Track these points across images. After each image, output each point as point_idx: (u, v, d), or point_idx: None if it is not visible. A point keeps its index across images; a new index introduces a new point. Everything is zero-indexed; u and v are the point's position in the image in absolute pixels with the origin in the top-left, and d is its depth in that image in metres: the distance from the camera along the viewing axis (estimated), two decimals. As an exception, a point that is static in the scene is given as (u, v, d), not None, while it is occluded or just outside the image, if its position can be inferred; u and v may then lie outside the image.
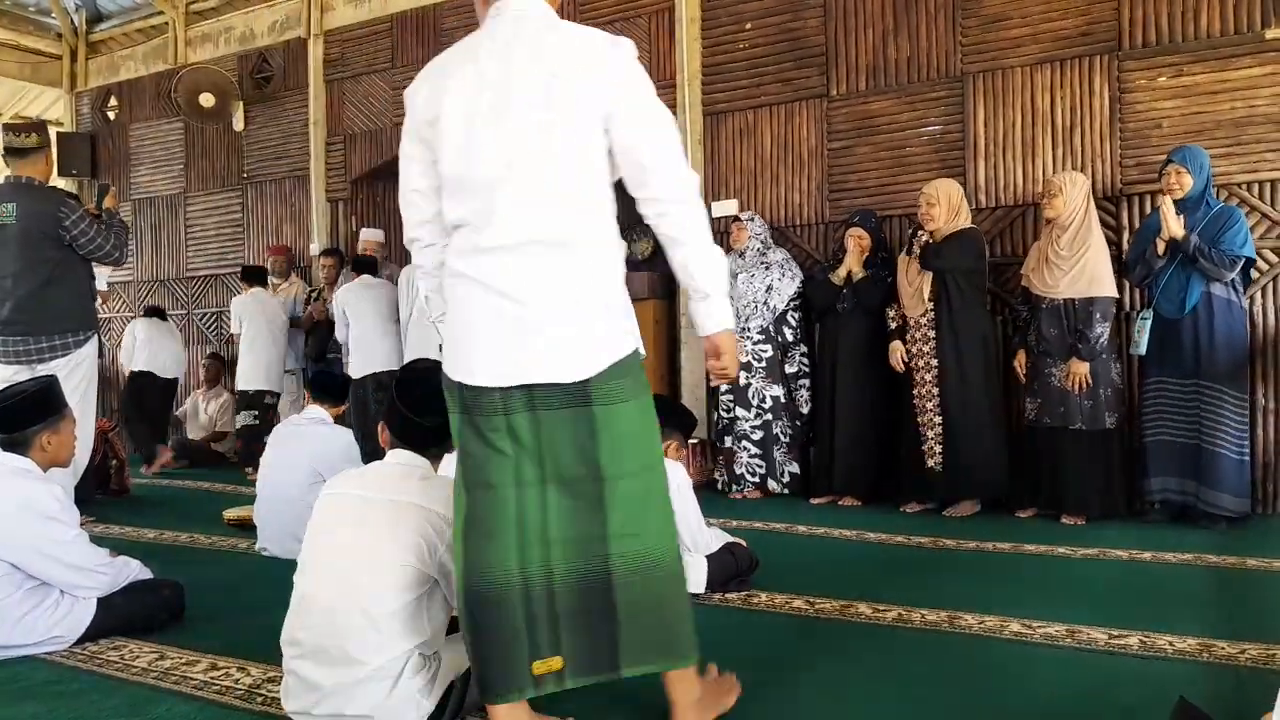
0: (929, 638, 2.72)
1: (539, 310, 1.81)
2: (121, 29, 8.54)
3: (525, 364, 1.82)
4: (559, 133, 1.82)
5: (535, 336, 1.82)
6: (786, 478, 5.21)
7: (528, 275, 1.82)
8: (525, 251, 1.82)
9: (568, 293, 1.83)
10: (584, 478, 1.85)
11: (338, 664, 1.97)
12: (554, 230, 1.83)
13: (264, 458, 4.11)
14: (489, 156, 1.84)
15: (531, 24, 1.89)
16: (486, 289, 1.84)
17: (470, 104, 1.86)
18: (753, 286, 5.18)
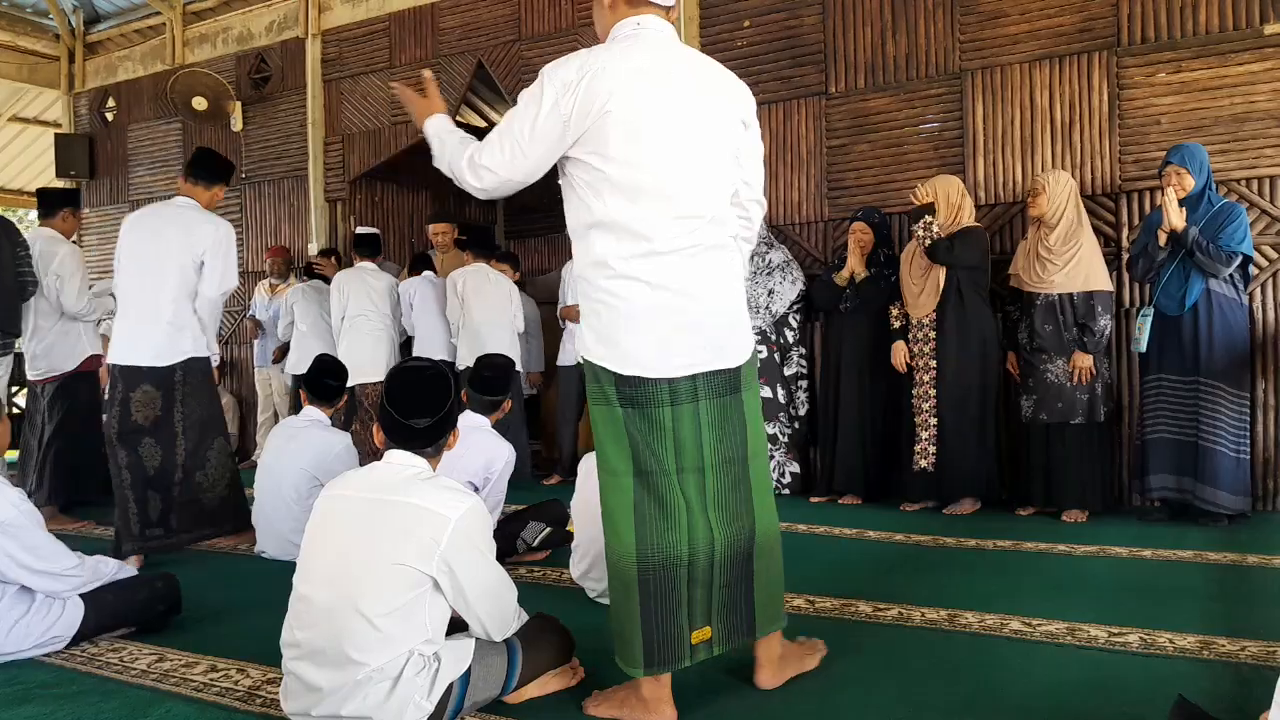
0: (929, 636, 2.71)
1: (706, 305, 2.04)
2: (119, 30, 8.53)
3: (696, 354, 2.03)
4: (721, 152, 2.09)
5: (704, 330, 2.04)
6: (788, 478, 5.21)
7: (697, 276, 2.02)
8: (695, 255, 2.03)
9: (725, 291, 2.08)
10: (735, 459, 2.08)
11: (337, 665, 1.96)
12: (715, 236, 2.07)
13: (261, 460, 4.10)
14: (676, 167, 2.02)
15: (683, 50, 2.12)
16: (656, 289, 1.99)
17: (663, 116, 2.01)
18: (754, 291, 5.18)
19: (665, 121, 2.01)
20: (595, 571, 3.09)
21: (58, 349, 5.02)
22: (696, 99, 2.06)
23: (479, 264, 5.94)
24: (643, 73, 2.02)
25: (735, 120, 2.13)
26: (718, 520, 2.05)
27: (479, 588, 2.08)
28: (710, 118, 2.07)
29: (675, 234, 2.01)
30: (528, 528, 3.77)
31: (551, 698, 2.25)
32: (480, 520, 2.11)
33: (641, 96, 2.00)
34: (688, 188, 2.03)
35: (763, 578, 2.13)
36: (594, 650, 2.45)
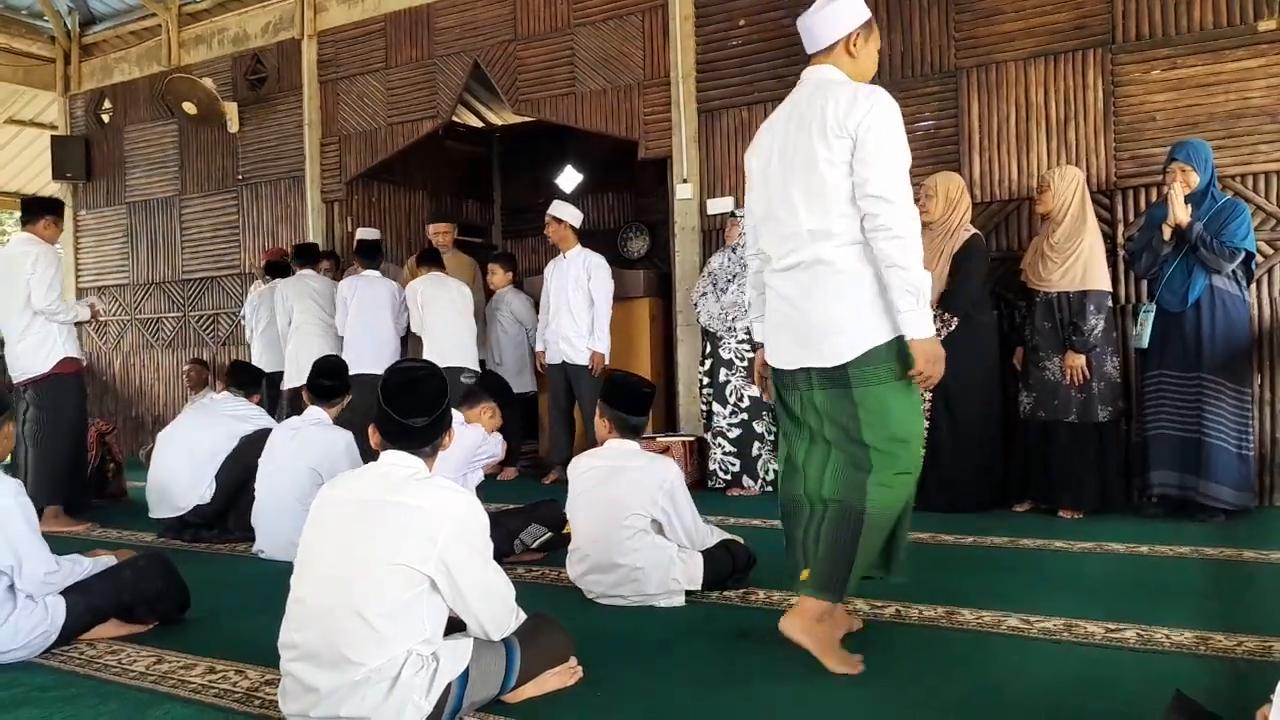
0: (927, 633, 2.72)
1: (804, 313, 2.43)
2: (115, 32, 8.51)
3: (799, 352, 2.46)
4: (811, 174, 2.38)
5: (802, 332, 2.44)
6: (770, 475, 5.22)
7: (797, 287, 2.44)
8: (796, 269, 2.45)
9: (822, 300, 2.39)
10: (849, 443, 2.41)
11: (335, 666, 1.96)
12: (818, 251, 2.39)
13: (262, 460, 4.10)
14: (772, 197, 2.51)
15: (807, 86, 2.50)
16: (779, 297, 2.52)
17: (762, 160, 2.56)
18: (743, 295, 5.18)
19: (764, 159, 2.55)
20: (592, 574, 3.09)
21: (32, 351, 5.02)
22: (788, 131, 2.46)
23: (435, 273, 6.00)
24: (767, 124, 2.60)
25: (826, 138, 2.35)
26: (829, 488, 2.44)
27: (477, 587, 2.08)
28: (795, 146, 2.43)
29: (781, 253, 2.49)
30: (527, 530, 3.77)
31: (550, 697, 2.25)
32: (477, 520, 2.11)
33: (757, 143, 2.61)
34: (782, 213, 2.47)
35: (867, 548, 2.39)
36: (592, 649, 2.46)
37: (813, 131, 2.38)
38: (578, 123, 6.35)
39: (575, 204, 6.34)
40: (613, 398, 3.16)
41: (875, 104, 2.33)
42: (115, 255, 8.57)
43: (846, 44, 2.49)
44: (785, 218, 2.46)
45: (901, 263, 2.29)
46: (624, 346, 6.23)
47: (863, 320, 2.36)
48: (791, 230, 2.44)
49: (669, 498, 3.05)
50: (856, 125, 2.32)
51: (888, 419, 2.37)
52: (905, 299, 2.31)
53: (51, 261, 5.03)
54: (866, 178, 2.31)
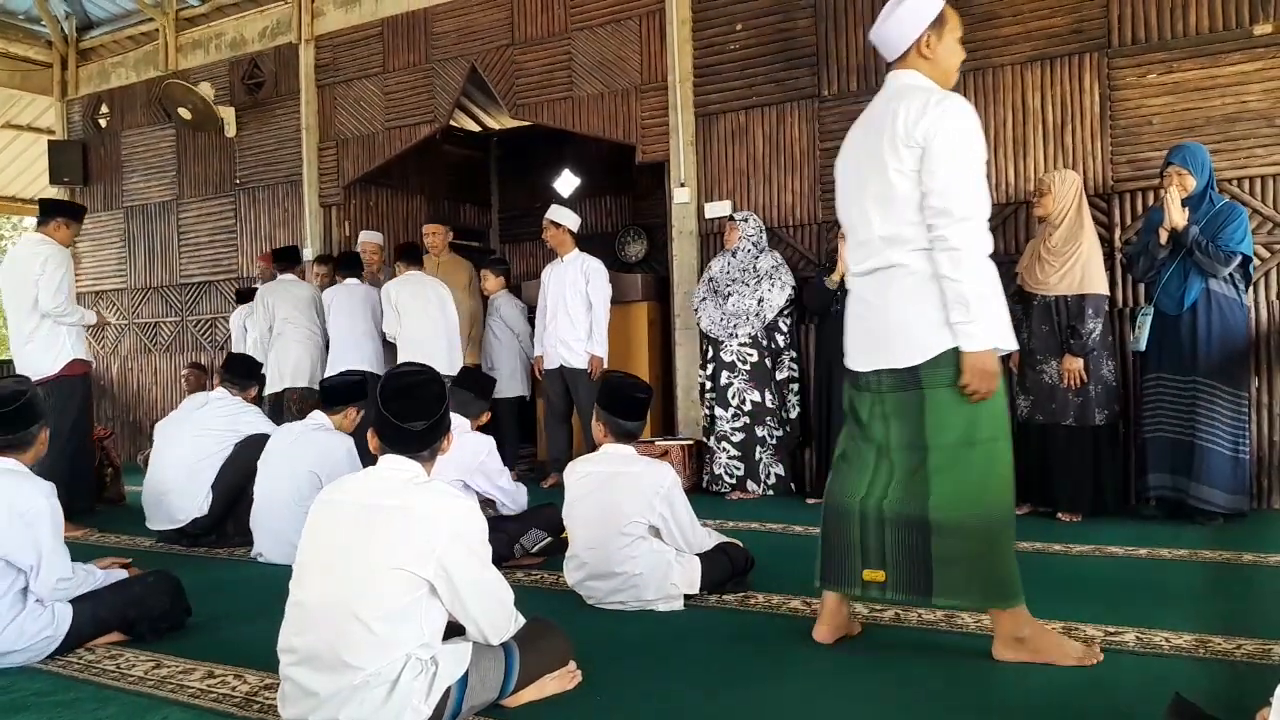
0: (926, 636, 2.72)
1: (879, 315, 2.46)
2: (112, 36, 8.51)
3: (872, 355, 2.49)
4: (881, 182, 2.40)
5: (877, 335, 2.47)
6: (772, 479, 5.22)
7: (872, 291, 2.48)
8: (870, 274, 2.49)
9: (896, 303, 2.41)
10: (914, 445, 2.42)
11: (334, 670, 1.96)
12: (890, 257, 2.41)
13: (261, 462, 4.10)
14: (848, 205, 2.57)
15: (884, 94, 2.53)
16: (855, 301, 2.58)
17: (843, 166, 2.61)
18: (744, 303, 5.19)
19: (842, 168, 2.62)
20: (591, 580, 3.08)
21: (40, 353, 5.02)
22: (862, 140, 2.52)
23: (414, 272, 5.91)
24: (852, 130, 2.63)
25: (895, 147, 2.37)
26: (893, 492, 2.45)
27: (475, 591, 2.08)
28: (868, 153, 2.46)
29: (858, 259, 2.54)
30: (527, 534, 3.77)
31: (549, 701, 2.25)
32: (476, 524, 2.11)
33: (842, 150, 2.65)
34: (856, 220, 2.53)
35: (945, 555, 2.37)
36: (591, 653, 2.45)
37: (884, 140, 2.40)
38: (575, 127, 6.36)
39: (573, 208, 6.35)
40: (608, 402, 3.16)
41: (943, 113, 2.33)
42: (112, 260, 8.56)
43: (918, 48, 2.48)
44: (860, 225, 2.51)
45: (953, 274, 2.31)
46: (622, 350, 6.24)
47: (935, 323, 2.37)
48: (865, 237, 2.49)
49: (666, 503, 3.05)
50: (924, 135, 2.33)
51: (955, 422, 2.38)
52: (956, 310, 2.32)
53: (61, 263, 5.03)
54: (929, 189, 2.33)
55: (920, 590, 2.42)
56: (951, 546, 2.37)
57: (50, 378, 4.98)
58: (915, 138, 2.34)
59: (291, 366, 6.21)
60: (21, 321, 5.02)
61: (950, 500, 2.37)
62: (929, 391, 2.39)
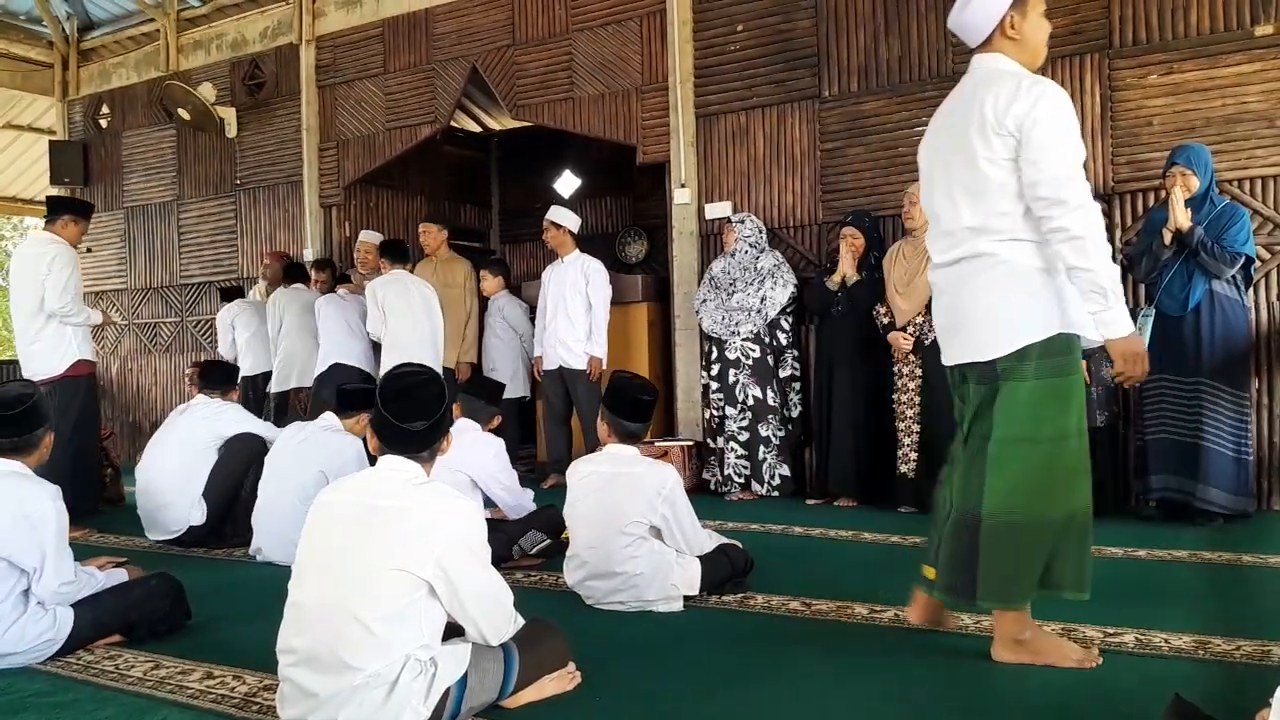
0: (926, 638, 2.71)
1: (963, 307, 2.42)
2: (113, 37, 8.52)
3: (958, 347, 2.46)
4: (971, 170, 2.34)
5: (961, 328, 2.43)
6: (777, 480, 5.21)
7: (956, 283, 2.43)
8: (955, 265, 2.43)
9: (981, 295, 2.36)
10: (984, 438, 2.37)
11: (333, 671, 1.96)
12: (976, 247, 2.36)
13: (268, 461, 4.10)
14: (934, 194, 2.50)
15: (968, 80, 2.46)
16: (939, 293, 2.54)
17: (928, 154, 2.55)
18: (747, 300, 5.18)
19: (927, 157, 2.55)
20: (591, 580, 3.08)
21: (46, 353, 5.03)
22: (948, 128, 2.45)
23: (398, 271, 5.88)
24: (936, 116, 2.57)
25: (985, 135, 2.30)
26: (959, 485, 2.43)
27: (475, 592, 2.08)
28: (955, 142, 2.40)
29: (941, 249, 2.48)
30: (526, 535, 3.78)
31: (548, 702, 2.25)
32: (475, 525, 2.11)
33: (925, 138, 2.59)
34: (942, 210, 2.46)
35: (989, 555, 2.33)
36: (591, 654, 2.45)
37: (971, 128, 2.33)
38: (576, 128, 6.36)
39: (573, 209, 6.35)
40: (612, 403, 3.16)
41: (1037, 99, 2.25)
42: (113, 260, 8.57)
43: (1003, 29, 2.38)
44: (946, 214, 2.44)
45: (1083, 264, 2.21)
46: (622, 351, 6.23)
47: (1019, 316, 2.31)
48: (951, 226, 2.42)
49: (668, 504, 3.04)
50: (1018, 123, 2.25)
51: (1022, 417, 2.32)
52: (1094, 300, 2.23)
53: (68, 263, 5.03)
54: (1035, 180, 2.24)
55: (965, 594, 2.38)
56: (992, 546, 2.32)
57: (55, 378, 4.98)
58: (1007, 125, 2.27)
59: (299, 367, 6.51)
60: (28, 321, 5.02)
61: (1002, 497, 2.32)
62: (1003, 385, 2.34)
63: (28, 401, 2.80)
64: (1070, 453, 2.33)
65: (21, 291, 5.02)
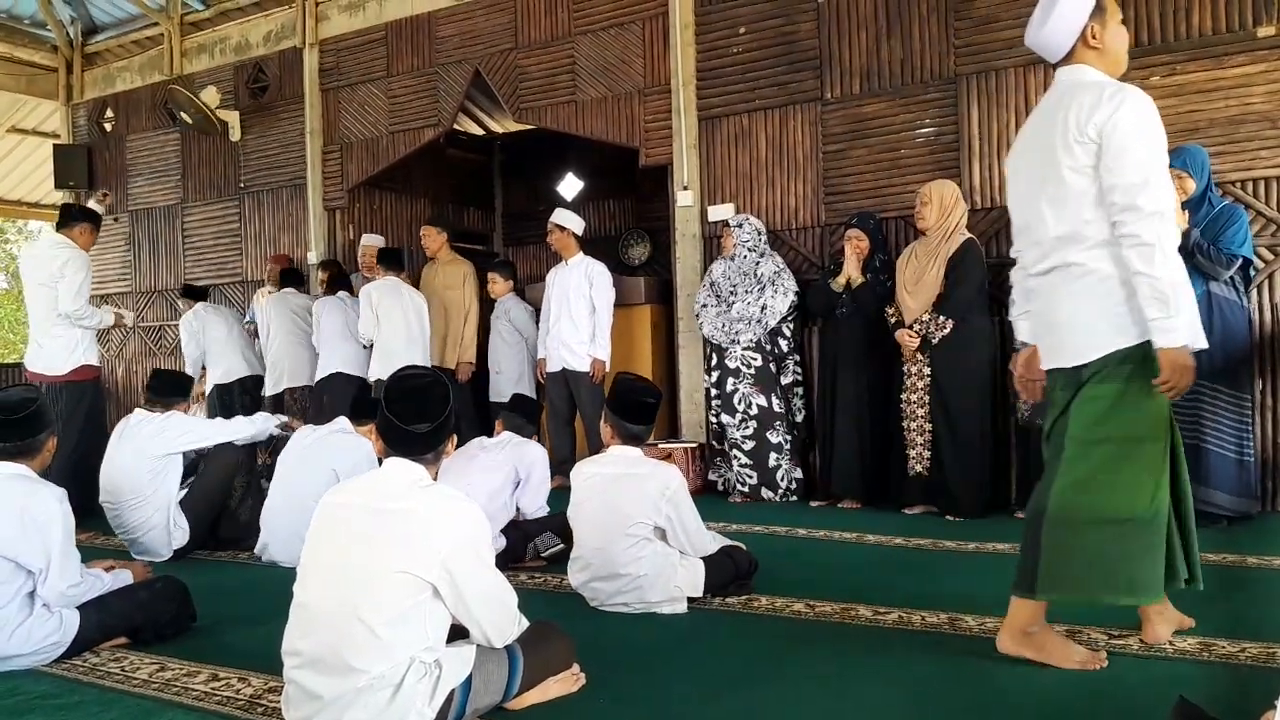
0: (930, 640, 2.72)
1: (1054, 314, 2.47)
2: (117, 41, 8.54)
3: (1052, 353, 2.51)
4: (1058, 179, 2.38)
5: (1052, 334, 2.49)
6: (793, 484, 5.20)
7: (1048, 290, 2.48)
8: (1046, 274, 2.47)
9: (1070, 303, 2.41)
10: (1063, 436, 2.42)
11: (338, 673, 1.97)
12: (1066, 255, 2.40)
13: (280, 462, 4.12)
14: (1021, 204, 2.54)
15: (1056, 90, 2.48)
16: (1031, 299, 2.60)
17: (1015, 167, 2.60)
18: (748, 309, 5.18)
19: (1014, 169, 2.61)
20: (595, 581, 3.08)
21: (53, 353, 5.05)
22: (1034, 140, 2.49)
23: (392, 278, 6.03)
24: (1025, 127, 2.61)
25: (1068, 144, 2.34)
26: (1041, 484, 2.48)
27: (479, 594, 2.09)
28: (1042, 153, 2.43)
29: (1034, 259, 2.53)
30: (542, 536, 3.85)
31: (553, 704, 2.25)
32: (480, 527, 2.12)
33: (1013, 149, 2.64)
34: (1032, 221, 2.50)
35: (1050, 550, 2.37)
36: (595, 655, 2.46)
37: (1056, 138, 2.37)
38: (579, 130, 6.37)
39: (576, 211, 6.35)
40: (616, 405, 3.17)
41: (1118, 106, 2.28)
42: (117, 263, 8.58)
43: (1085, 40, 2.43)
44: (1035, 225, 2.49)
45: (1148, 270, 2.25)
46: (625, 353, 6.24)
47: (1105, 324, 2.35)
48: (1040, 236, 2.47)
49: (673, 505, 3.05)
50: (1099, 130, 2.29)
51: (1096, 418, 2.36)
52: (1153, 306, 2.26)
53: (81, 266, 5.08)
54: (1112, 185, 2.28)
55: (1025, 585, 2.42)
56: (1054, 541, 2.37)
57: (59, 378, 5.01)
58: (1088, 133, 2.30)
59: (289, 368, 6.54)
60: (39, 320, 5.07)
61: (1067, 494, 2.37)
62: (1084, 388, 2.39)
63: (31, 405, 2.81)
64: (1142, 455, 2.36)
65: (34, 292, 5.08)
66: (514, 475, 3.92)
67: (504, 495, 3.86)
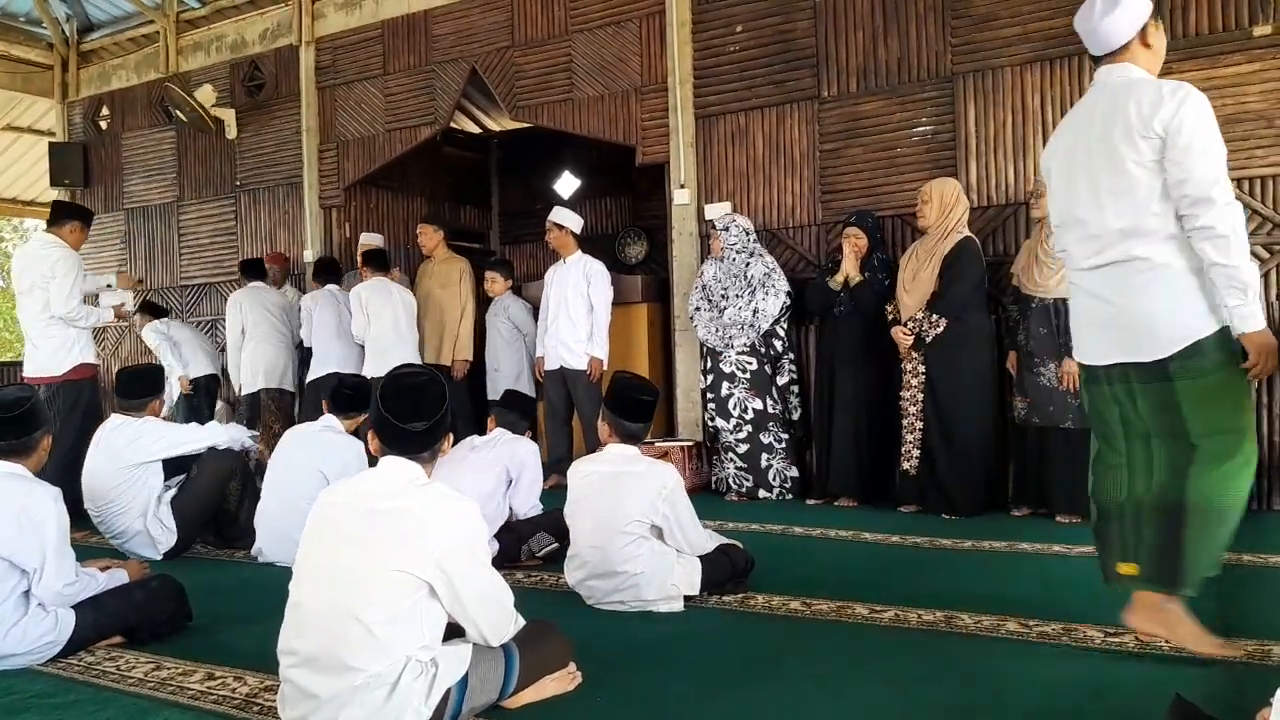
0: (926, 637, 2.72)
1: (1120, 309, 2.43)
2: (112, 38, 8.52)
3: (1114, 348, 2.46)
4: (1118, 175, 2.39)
5: (1119, 329, 2.44)
6: (788, 483, 5.20)
7: (1110, 285, 2.45)
8: (1108, 268, 2.45)
9: (1139, 296, 2.39)
10: (1171, 434, 2.42)
11: (334, 672, 1.96)
12: (1130, 249, 2.39)
13: (271, 463, 4.12)
14: (1078, 198, 2.51)
15: (1107, 87, 2.49)
16: (1089, 295, 2.53)
17: (1063, 164, 2.57)
18: (739, 314, 5.17)
19: (1062, 166, 2.57)
20: (591, 580, 3.08)
21: (49, 354, 5.05)
22: (1090, 133, 2.48)
23: (379, 278, 6.15)
24: (1065, 125, 2.62)
25: (1132, 139, 2.36)
26: (1148, 481, 2.47)
27: (475, 593, 2.08)
28: (1099, 148, 2.44)
29: (1086, 252, 2.50)
30: (536, 537, 3.82)
31: (549, 703, 2.25)
32: (476, 526, 2.12)
33: (1053, 147, 2.64)
34: (1087, 215, 2.48)
35: (1197, 541, 2.39)
36: (591, 654, 2.45)
37: (1117, 133, 2.39)
38: (575, 128, 6.37)
39: (573, 209, 6.35)
40: (613, 403, 3.17)
41: (1181, 102, 2.33)
42: (113, 261, 8.56)
43: (1142, 38, 2.48)
44: (1091, 218, 2.47)
45: (1225, 260, 2.28)
46: (622, 352, 6.24)
47: (1183, 314, 2.36)
48: (1098, 230, 2.46)
49: (669, 503, 3.05)
50: (1165, 125, 2.32)
51: (1212, 412, 2.37)
52: (1233, 295, 2.29)
53: (72, 267, 5.07)
54: (1181, 179, 2.31)
55: (1170, 581, 2.42)
56: (1203, 532, 2.39)
57: (56, 378, 5.00)
58: (1154, 129, 2.33)
59: (265, 367, 6.58)
60: (31, 321, 5.07)
61: (1214, 485, 2.38)
62: (1180, 383, 2.37)
63: (25, 404, 2.81)
64: (1252, 441, 2.42)
65: (27, 293, 5.07)
66: (506, 475, 3.91)
67: (497, 498, 3.85)
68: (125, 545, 4.16)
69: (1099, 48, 2.52)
